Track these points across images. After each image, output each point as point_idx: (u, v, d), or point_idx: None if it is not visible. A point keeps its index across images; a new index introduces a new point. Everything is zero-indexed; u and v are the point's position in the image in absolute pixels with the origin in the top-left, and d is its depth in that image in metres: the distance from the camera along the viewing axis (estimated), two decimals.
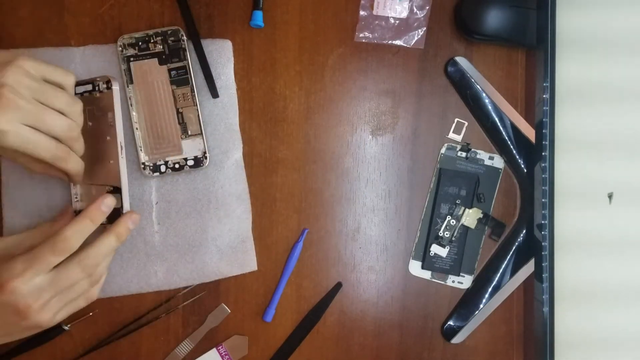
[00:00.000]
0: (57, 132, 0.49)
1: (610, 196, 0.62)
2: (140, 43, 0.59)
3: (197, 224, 0.60)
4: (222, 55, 0.60)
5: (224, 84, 0.60)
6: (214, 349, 0.61)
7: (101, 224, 0.52)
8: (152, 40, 0.59)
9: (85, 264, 0.49)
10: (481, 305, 0.62)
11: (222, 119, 0.60)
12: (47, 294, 0.47)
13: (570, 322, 0.61)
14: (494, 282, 0.62)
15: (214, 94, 0.60)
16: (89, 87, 0.55)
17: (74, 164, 0.52)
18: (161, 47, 0.59)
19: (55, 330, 0.59)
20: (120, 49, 0.59)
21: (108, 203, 0.52)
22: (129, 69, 0.59)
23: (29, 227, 0.57)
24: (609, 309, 0.62)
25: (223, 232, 0.60)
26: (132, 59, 0.59)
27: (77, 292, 0.50)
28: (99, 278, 0.52)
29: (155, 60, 0.59)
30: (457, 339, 0.62)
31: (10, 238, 0.54)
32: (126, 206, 0.54)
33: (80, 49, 0.59)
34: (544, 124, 0.59)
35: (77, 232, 0.49)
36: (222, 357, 0.61)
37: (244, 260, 0.61)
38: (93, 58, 0.60)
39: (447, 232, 0.62)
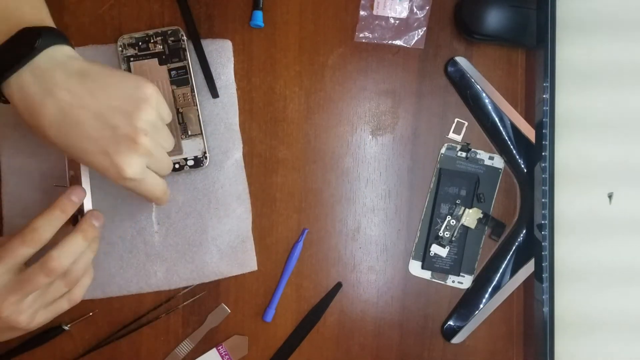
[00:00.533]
0: (163, 174, 0.51)
1: (610, 196, 0.62)
2: (140, 43, 0.59)
3: (197, 224, 0.60)
4: (222, 55, 0.60)
5: (224, 84, 0.60)
6: (214, 349, 0.61)
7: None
8: (152, 40, 0.59)
9: (49, 267, 0.46)
10: (481, 305, 0.62)
11: (222, 119, 0.60)
12: (14, 296, 0.46)
13: (571, 322, 0.61)
14: (494, 282, 0.62)
15: (214, 94, 0.60)
16: None
17: (165, 196, 0.53)
18: (161, 47, 0.59)
19: (55, 330, 0.59)
20: (120, 49, 0.59)
21: (78, 193, 0.50)
22: (129, 69, 0.59)
23: None
24: (609, 309, 0.62)
25: (223, 232, 0.60)
26: (132, 59, 0.59)
27: (55, 294, 0.49)
28: (76, 280, 0.50)
29: (155, 60, 0.59)
30: (457, 339, 0.62)
31: None
32: (87, 207, 0.52)
33: (80, 49, 0.59)
34: (544, 124, 0.59)
35: (47, 222, 0.47)
36: (222, 357, 0.61)
37: (243, 260, 0.61)
38: (93, 58, 0.59)
39: (447, 232, 0.62)
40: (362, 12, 0.61)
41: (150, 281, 0.60)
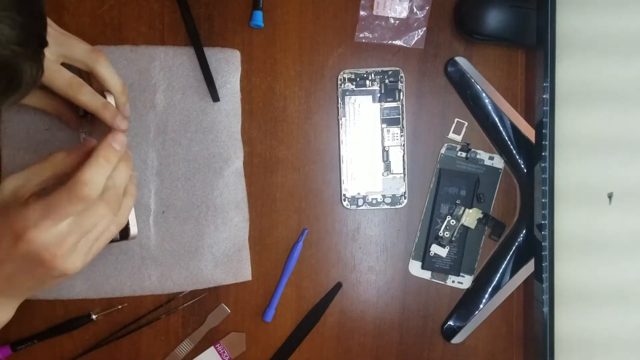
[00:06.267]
0: None
1: (610, 196, 0.62)
2: (358, 79, 0.61)
3: (193, 230, 0.60)
4: (230, 64, 0.60)
5: (229, 92, 0.60)
6: (212, 347, 0.61)
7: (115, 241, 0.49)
8: (370, 78, 0.61)
9: (109, 200, 0.44)
10: (481, 305, 0.62)
11: (225, 127, 0.60)
12: (72, 237, 0.42)
13: (571, 322, 0.61)
14: (494, 282, 0.62)
15: (215, 97, 0.60)
16: None
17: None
18: (378, 86, 0.61)
19: (56, 329, 0.59)
20: (339, 82, 0.61)
21: (119, 139, 0.45)
22: (342, 103, 0.61)
23: None
24: (609, 309, 0.62)
25: (219, 239, 0.60)
26: (347, 93, 0.61)
27: (102, 227, 0.45)
28: (122, 208, 0.46)
29: (370, 97, 0.61)
30: (457, 339, 0.62)
31: (17, 176, 0.46)
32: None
33: None
34: (544, 124, 0.58)
35: (96, 174, 0.42)
36: (220, 355, 0.61)
37: (238, 269, 0.61)
38: None
39: (447, 232, 0.62)
40: (362, 12, 0.61)
41: (144, 285, 0.60)
